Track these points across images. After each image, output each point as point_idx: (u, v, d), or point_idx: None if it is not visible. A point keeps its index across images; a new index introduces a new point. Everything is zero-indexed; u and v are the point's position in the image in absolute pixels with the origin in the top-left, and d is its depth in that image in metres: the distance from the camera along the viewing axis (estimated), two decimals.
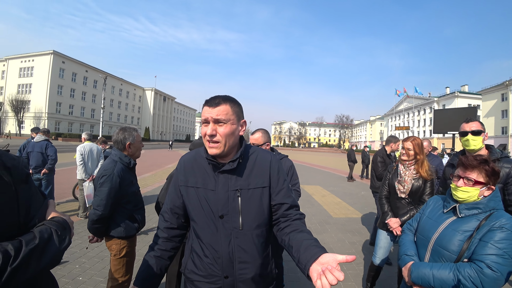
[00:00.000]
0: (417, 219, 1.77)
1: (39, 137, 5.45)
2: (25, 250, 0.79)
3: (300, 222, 1.25)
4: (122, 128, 2.32)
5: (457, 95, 56.27)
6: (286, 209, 1.27)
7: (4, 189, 0.87)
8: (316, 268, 0.93)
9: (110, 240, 2.21)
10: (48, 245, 0.86)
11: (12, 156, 0.98)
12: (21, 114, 48.49)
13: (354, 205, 7.65)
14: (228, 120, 1.18)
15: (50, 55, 49.97)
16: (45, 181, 5.33)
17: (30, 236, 0.84)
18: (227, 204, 1.21)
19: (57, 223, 0.94)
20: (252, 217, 1.24)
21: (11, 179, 0.90)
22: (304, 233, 1.16)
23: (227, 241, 1.22)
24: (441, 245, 1.49)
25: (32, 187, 1.00)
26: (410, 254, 1.64)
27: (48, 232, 0.88)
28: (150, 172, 12.41)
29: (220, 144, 1.18)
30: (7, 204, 0.86)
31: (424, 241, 1.60)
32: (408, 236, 1.76)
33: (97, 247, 3.90)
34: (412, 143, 2.63)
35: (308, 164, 22.89)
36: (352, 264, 3.79)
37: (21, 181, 0.94)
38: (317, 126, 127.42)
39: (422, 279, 1.45)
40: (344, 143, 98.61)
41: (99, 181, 2.12)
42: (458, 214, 1.51)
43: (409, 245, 1.69)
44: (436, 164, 4.44)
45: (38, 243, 0.83)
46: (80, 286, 2.98)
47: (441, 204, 1.65)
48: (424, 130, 66.27)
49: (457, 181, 1.53)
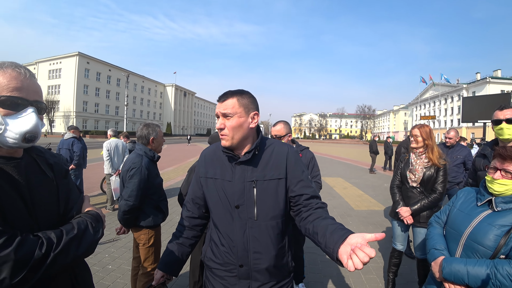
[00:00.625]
0: (446, 212, 1.70)
1: (67, 134, 5.86)
2: (65, 238, 0.88)
3: (323, 211, 1.24)
4: (145, 124, 2.45)
5: (488, 81, 52.50)
6: (306, 199, 1.27)
7: (47, 183, 0.98)
8: (345, 249, 0.90)
9: (139, 231, 2.33)
10: (84, 235, 0.95)
11: (53, 153, 1.11)
12: (51, 114, 51.32)
13: (376, 197, 7.49)
14: (235, 113, 1.22)
15: (76, 56, 52.24)
16: (73, 176, 5.67)
17: (70, 226, 0.93)
18: (243, 194, 1.25)
19: (92, 216, 1.04)
20: (267, 208, 1.26)
21: (53, 174, 1.02)
22: (328, 219, 1.15)
23: (242, 230, 1.25)
24: (475, 240, 1.42)
25: (71, 182, 1.11)
26: (439, 248, 1.56)
27: (85, 224, 0.97)
28: (173, 166, 12.76)
29: (228, 137, 1.23)
30: (50, 197, 0.97)
31: (456, 235, 1.53)
32: (436, 229, 1.69)
33: (124, 237, 4.10)
34: (420, 130, 2.58)
35: (329, 156, 22.57)
36: (374, 258, 3.73)
37: (62, 176, 1.06)
38: (338, 117, 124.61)
39: (455, 276, 1.39)
40: (366, 134, 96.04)
41: (129, 174, 2.24)
42: (494, 208, 1.42)
43: (438, 238, 1.62)
44: (464, 154, 4.23)
45: (76, 233, 0.92)
46: (109, 274, 3.16)
47: (474, 196, 1.57)
48: (451, 119, 62.92)
49: (493, 173, 1.45)
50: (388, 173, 12.35)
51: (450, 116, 63.68)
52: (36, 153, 1.02)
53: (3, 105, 0.85)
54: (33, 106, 0.90)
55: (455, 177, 4.19)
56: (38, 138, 0.94)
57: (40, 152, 1.04)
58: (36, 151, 1.03)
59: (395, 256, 2.83)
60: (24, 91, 0.88)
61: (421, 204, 2.50)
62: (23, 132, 0.86)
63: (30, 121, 0.88)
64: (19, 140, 0.87)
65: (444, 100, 65.58)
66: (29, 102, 0.90)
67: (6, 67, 0.87)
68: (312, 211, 1.24)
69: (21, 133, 0.86)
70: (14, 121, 0.86)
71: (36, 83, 0.95)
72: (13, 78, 0.86)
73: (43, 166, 1.00)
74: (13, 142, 0.86)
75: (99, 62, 57.45)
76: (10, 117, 0.86)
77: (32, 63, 57.43)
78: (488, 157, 2.27)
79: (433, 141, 2.57)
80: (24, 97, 0.88)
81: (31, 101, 0.90)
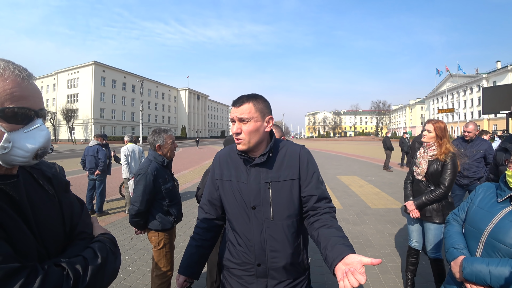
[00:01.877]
0: (464, 209, 1.63)
1: (92, 142, 6.20)
2: (91, 268, 0.77)
3: (329, 216, 1.27)
4: (154, 130, 2.53)
5: (510, 69, 50.04)
6: (315, 201, 1.30)
7: (49, 200, 0.84)
8: (341, 267, 0.97)
9: (150, 233, 2.42)
10: (107, 263, 0.84)
11: (49, 164, 0.96)
12: (71, 122, 53.30)
13: (393, 195, 7.32)
14: (252, 118, 1.24)
15: (92, 65, 54.20)
16: (98, 181, 5.97)
17: (91, 253, 0.82)
18: (258, 195, 1.28)
19: (109, 240, 0.92)
20: (282, 208, 1.29)
21: (53, 189, 0.88)
22: (332, 229, 1.19)
23: (259, 230, 1.28)
24: (497, 238, 1.34)
25: (71, 194, 0.97)
26: (459, 247, 1.50)
27: (106, 250, 0.86)
28: (189, 169, 12.95)
29: (244, 141, 1.25)
30: (54, 216, 0.84)
31: (476, 233, 1.46)
32: (454, 227, 1.62)
33: (143, 239, 4.21)
34: (434, 126, 2.52)
35: (344, 154, 22.23)
36: (392, 256, 3.67)
37: (63, 190, 0.92)
38: (352, 114, 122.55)
39: (477, 276, 1.33)
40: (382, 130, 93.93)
41: (136, 179, 2.34)
42: None
43: (456, 237, 1.56)
44: (484, 148, 4.07)
45: (101, 262, 0.81)
46: (130, 275, 3.25)
47: (494, 192, 1.49)
48: (471, 112, 60.57)
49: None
50: (405, 170, 12.03)
51: (470, 108, 61.36)
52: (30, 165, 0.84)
53: (6, 118, 0.69)
54: (39, 117, 0.77)
55: (476, 172, 4.04)
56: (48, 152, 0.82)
57: (35, 164, 0.83)
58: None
59: (412, 255, 2.77)
60: (30, 99, 0.74)
61: (424, 198, 2.48)
62: (35, 149, 0.74)
63: (42, 135, 0.75)
64: (29, 158, 0.74)
65: (463, 91, 63.26)
66: (35, 112, 0.75)
67: (4, 69, 0.70)
68: (318, 216, 1.28)
69: (33, 150, 0.73)
70: (22, 137, 0.72)
71: (37, 88, 0.79)
72: (16, 85, 0.71)
73: (41, 181, 0.85)
74: (22, 161, 0.73)
75: (114, 70, 59.28)
76: (16, 132, 0.71)
77: (52, 74, 60.09)
78: (510, 150, 2.18)
79: (446, 137, 2.51)
80: (31, 107, 0.73)
81: (37, 111, 0.76)
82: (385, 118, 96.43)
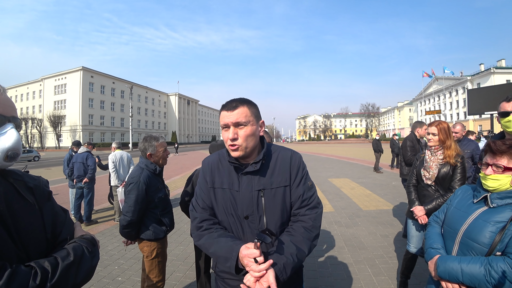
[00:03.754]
0: (444, 211, 1.66)
1: (82, 149, 6.03)
2: (62, 265, 0.82)
3: (300, 225, 1.26)
4: (144, 138, 2.44)
5: (493, 72, 51.74)
6: (297, 207, 1.29)
7: (29, 209, 0.91)
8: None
9: (142, 243, 2.33)
10: (82, 262, 0.89)
11: (33, 176, 1.03)
12: (58, 129, 52.13)
13: (385, 196, 7.40)
14: (248, 122, 1.20)
15: (80, 71, 53.25)
16: (86, 189, 5.79)
17: (64, 252, 0.87)
18: (251, 204, 1.23)
19: (87, 240, 0.98)
20: (276, 217, 1.26)
21: (34, 198, 0.94)
22: (289, 236, 1.24)
23: (252, 240, 1.23)
24: (471, 237, 1.39)
25: (55, 204, 1.03)
26: (436, 247, 1.54)
27: (81, 249, 0.92)
28: (180, 175, 12.80)
29: (241, 147, 1.19)
30: (34, 223, 0.90)
31: (452, 233, 1.50)
32: (435, 228, 1.66)
33: (133, 249, 4.11)
34: (437, 128, 2.48)
35: (335, 156, 22.41)
36: (385, 258, 3.68)
37: (44, 200, 0.99)
38: (342, 117, 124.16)
39: (450, 274, 1.36)
40: (371, 133, 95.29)
41: (127, 189, 2.25)
42: (490, 204, 1.39)
43: (435, 237, 1.60)
44: (471, 149, 4.15)
45: (73, 260, 0.86)
46: (119, 286, 3.16)
47: (471, 194, 1.54)
48: (457, 113, 62.12)
49: (485, 169, 1.42)
50: (395, 171, 12.20)
51: (456, 109, 62.94)
52: (13, 177, 0.94)
53: None
54: (11, 122, 0.87)
55: None
56: (20, 155, 0.90)
57: (18, 176, 0.96)
58: (13, 175, 0.95)
59: (409, 259, 2.75)
60: (0, 107, 0.85)
61: (436, 203, 2.41)
62: (5, 150, 0.83)
63: (11, 138, 0.84)
64: (0, 159, 0.83)
65: (449, 93, 64.91)
66: (6, 118, 0.86)
67: None
68: (292, 223, 1.30)
69: (3, 150, 0.83)
70: None
71: (9, 98, 0.91)
72: None
73: (22, 191, 0.92)
74: None
75: (103, 75, 58.35)
76: None
77: (38, 80, 58.68)
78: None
79: (451, 138, 2.48)
80: (1, 113, 0.85)
81: (8, 117, 0.87)
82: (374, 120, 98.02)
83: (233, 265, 1.12)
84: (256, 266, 1.05)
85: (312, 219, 1.28)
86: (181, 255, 3.94)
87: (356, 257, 3.73)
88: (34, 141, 57.83)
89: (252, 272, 1.06)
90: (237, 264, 1.13)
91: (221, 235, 1.23)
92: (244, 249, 1.11)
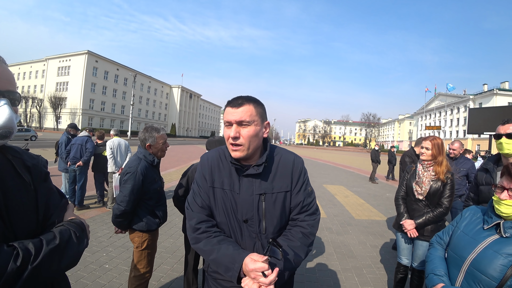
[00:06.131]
0: (449, 232, 1.56)
1: (83, 133, 6.07)
2: (45, 249, 0.79)
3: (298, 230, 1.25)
4: (145, 128, 2.41)
5: (496, 93, 51.99)
6: (296, 213, 1.28)
7: (24, 188, 0.87)
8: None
9: (133, 233, 2.32)
10: (68, 246, 0.86)
11: (32, 155, 0.99)
12: (58, 110, 51.88)
13: (378, 207, 7.42)
14: (252, 122, 1.15)
15: (85, 54, 52.93)
16: (79, 173, 5.72)
17: (51, 236, 0.84)
18: (251, 208, 1.20)
19: (75, 224, 0.94)
20: (276, 221, 1.24)
21: (31, 178, 0.91)
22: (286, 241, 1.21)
23: (251, 244, 1.22)
24: (479, 268, 1.27)
25: (51, 186, 1.00)
26: (439, 274, 1.43)
27: (68, 233, 0.88)
28: (176, 167, 12.78)
29: (243, 147, 1.15)
30: (27, 203, 0.87)
31: (458, 260, 1.38)
32: (437, 251, 1.56)
33: (123, 237, 4.10)
34: (431, 143, 2.51)
35: (332, 163, 22.44)
36: (372, 268, 3.69)
37: (41, 180, 0.95)
38: (342, 124, 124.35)
39: None
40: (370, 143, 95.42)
41: (123, 178, 2.23)
42: (502, 233, 1.26)
43: (438, 262, 1.49)
44: (467, 167, 4.19)
45: (58, 243, 0.83)
46: (106, 273, 3.15)
47: (480, 217, 1.42)
48: (457, 130, 62.35)
49: (500, 192, 1.30)
50: (390, 183, 12.24)
51: (455, 127, 63.16)
52: (12, 154, 0.90)
53: None
54: (5, 98, 0.81)
55: (458, 190, 4.14)
56: (14, 133, 0.85)
57: (16, 153, 0.92)
58: (12, 152, 0.91)
59: (401, 271, 2.76)
60: None
61: (426, 218, 2.44)
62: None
63: (3, 115, 0.79)
64: None
65: (450, 110, 65.12)
66: (0, 92, 0.80)
67: None
68: (291, 227, 1.28)
69: None
70: None
71: (7, 69, 0.84)
72: None
73: (19, 169, 0.89)
74: None
75: (107, 61, 58.09)
76: None
77: (42, 60, 58.33)
78: (491, 172, 2.24)
79: (443, 154, 2.51)
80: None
81: (2, 92, 0.80)
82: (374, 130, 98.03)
83: (235, 275, 1.09)
84: (265, 280, 1.02)
85: (311, 226, 1.26)
86: (171, 248, 3.94)
87: (344, 265, 3.74)
88: (33, 120, 57.51)
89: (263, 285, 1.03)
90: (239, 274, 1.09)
91: (221, 241, 1.18)
92: (251, 262, 1.04)
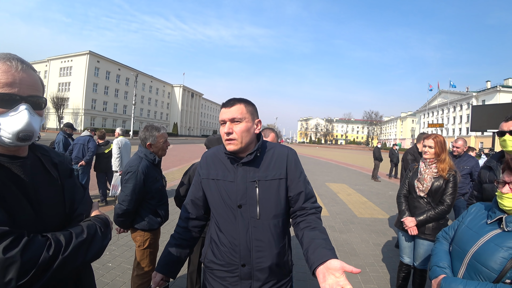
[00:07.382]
0: (454, 227, 1.60)
1: (85, 133, 6.15)
2: (75, 241, 0.85)
3: (315, 217, 1.30)
4: (145, 127, 2.41)
5: (499, 90, 51.38)
6: (303, 201, 1.33)
7: (52, 183, 0.97)
8: (322, 270, 1.00)
9: (135, 232, 2.33)
10: (94, 240, 0.92)
11: (58, 153, 1.08)
12: (61, 111, 52.12)
13: (380, 205, 7.40)
14: (244, 119, 1.29)
15: (87, 55, 53.04)
16: (81, 172, 5.76)
17: (79, 229, 0.91)
18: (245, 194, 1.29)
19: (101, 220, 1.02)
20: (269, 207, 1.30)
21: (58, 174, 1.00)
22: (316, 231, 1.21)
23: (245, 230, 1.28)
24: (480, 260, 1.31)
25: (76, 181, 1.09)
26: (442, 266, 1.48)
27: (94, 228, 0.95)
28: (178, 166, 12.81)
29: (236, 141, 1.27)
30: (55, 197, 0.96)
31: (460, 253, 1.43)
32: (443, 245, 1.60)
33: (126, 236, 4.12)
34: (434, 141, 2.50)
35: (335, 161, 22.41)
36: (375, 266, 3.69)
37: (66, 176, 1.04)
38: (344, 122, 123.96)
39: None
40: (372, 141, 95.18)
41: (125, 177, 2.22)
42: (504, 227, 1.30)
43: (442, 255, 1.54)
44: (471, 165, 4.16)
45: (86, 237, 0.89)
46: (109, 272, 3.17)
47: (485, 213, 1.46)
48: (460, 128, 61.93)
49: (502, 187, 1.35)
50: (393, 181, 12.21)
51: (458, 124, 62.76)
52: (40, 152, 0.99)
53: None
54: (26, 103, 0.84)
55: (461, 188, 4.11)
56: (35, 136, 0.89)
57: (44, 151, 1.01)
58: (40, 150, 1.00)
59: (403, 270, 2.76)
60: (16, 86, 0.82)
61: (427, 215, 2.43)
62: (16, 132, 0.82)
63: (22, 120, 0.83)
64: (13, 140, 0.82)
65: (453, 108, 64.74)
66: (22, 98, 0.84)
67: None
68: (304, 217, 1.31)
69: (14, 132, 0.82)
70: (6, 120, 0.81)
71: (32, 75, 0.88)
72: (3, 73, 0.80)
73: (48, 165, 0.97)
74: (9, 142, 0.83)
75: (109, 61, 58.21)
76: (1, 115, 0.81)
77: (44, 61, 58.62)
78: (494, 169, 2.22)
79: (446, 152, 2.50)
80: (16, 93, 0.82)
81: (24, 97, 0.84)
82: (376, 128, 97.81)
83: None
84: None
85: (319, 211, 1.36)
86: None
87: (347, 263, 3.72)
88: None
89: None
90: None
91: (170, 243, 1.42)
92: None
